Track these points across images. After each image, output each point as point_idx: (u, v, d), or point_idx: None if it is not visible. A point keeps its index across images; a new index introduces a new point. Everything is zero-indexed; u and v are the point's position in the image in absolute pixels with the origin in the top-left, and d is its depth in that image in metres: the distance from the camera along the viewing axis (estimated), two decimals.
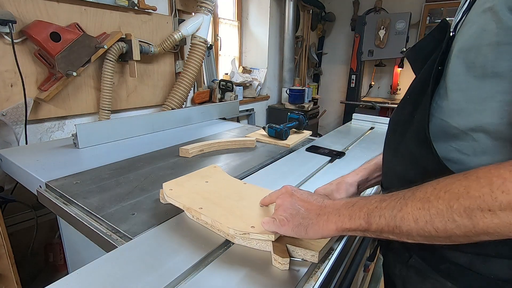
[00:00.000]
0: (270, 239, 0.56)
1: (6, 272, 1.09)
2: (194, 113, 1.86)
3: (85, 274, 0.55)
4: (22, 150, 1.26)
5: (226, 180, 0.82)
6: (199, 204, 0.69)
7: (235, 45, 3.40)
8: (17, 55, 1.40)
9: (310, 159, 1.19)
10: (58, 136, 1.70)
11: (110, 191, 0.90)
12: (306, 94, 3.41)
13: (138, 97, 2.07)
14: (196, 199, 0.71)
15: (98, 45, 1.65)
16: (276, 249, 0.55)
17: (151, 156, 1.22)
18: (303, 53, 4.14)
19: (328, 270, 0.60)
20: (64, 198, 0.86)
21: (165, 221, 0.70)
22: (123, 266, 0.57)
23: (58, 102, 1.64)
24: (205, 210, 0.66)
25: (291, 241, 0.57)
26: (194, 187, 0.78)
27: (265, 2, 3.29)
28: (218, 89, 2.72)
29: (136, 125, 1.51)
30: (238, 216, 0.63)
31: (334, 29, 4.58)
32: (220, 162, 1.18)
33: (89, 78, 1.76)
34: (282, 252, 0.54)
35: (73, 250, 1.00)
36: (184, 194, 0.74)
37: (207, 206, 0.68)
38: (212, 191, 0.75)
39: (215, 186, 0.78)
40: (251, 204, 0.68)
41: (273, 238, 0.55)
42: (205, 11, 2.11)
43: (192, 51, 2.16)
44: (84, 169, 1.04)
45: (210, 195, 0.73)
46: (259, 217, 0.62)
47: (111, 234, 0.70)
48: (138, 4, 1.87)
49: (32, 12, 1.47)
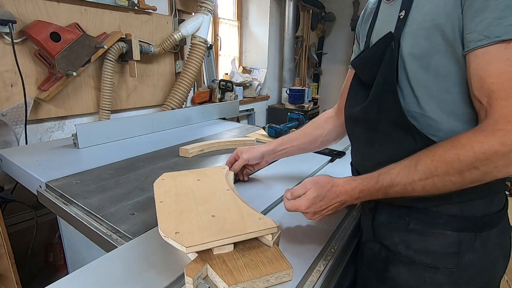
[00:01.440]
0: (182, 250, 0.53)
1: (6, 272, 1.09)
2: (194, 113, 1.86)
3: (85, 274, 0.55)
4: (22, 150, 1.26)
5: (217, 183, 0.79)
6: (164, 198, 0.68)
7: (235, 45, 3.40)
8: (17, 55, 1.40)
9: (310, 158, 1.19)
10: (58, 136, 1.70)
11: (110, 191, 0.90)
12: (306, 94, 3.41)
13: (138, 97, 2.07)
14: (170, 192, 0.71)
15: (98, 45, 1.64)
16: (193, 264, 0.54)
17: (151, 156, 1.22)
18: (303, 53, 4.14)
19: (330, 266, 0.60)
20: (64, 198, 0.86)
21: None
22: (123, 266, 0.57)
23: (58, 102, 1.64)
24: (161, 205, 0.66)
25: (212, 263, 0.54)
26: (181, 182, 0.77)
27: (265, 2, 3.29)
28: (218, 89, 2.72)
29: (136, 125, 1.51)
30: (178, 219, 0.61)
31: (334, 29, 4.58)
32: (220, 162, 1.17)
33: (89, 78, 1.76)
34: (191, 270, 0.52)
35: (73, 250, 1.00)
36: (166, 186, 0.75)
37: (169, 201, 0.67)
38: (191, 189, 0.74)
39: (200, 185, 0.77)
40: (207, 210, 0.64)
41: (185, 250, 0.52)
42: (205, 11, 2.11)
43: (192, 51, 2.16)
44: (84, 169, 1.04)
45: (184, 192, 0.72)
46: (198, 226, 0.58)
47: (111, 234, 0.70)
48: (138, 4, 1.87)
49: (32, 12, 1.47)
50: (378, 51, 0.61)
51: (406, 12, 0.57)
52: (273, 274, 0.53)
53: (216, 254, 0.56)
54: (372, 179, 0.56)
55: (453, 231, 0.58)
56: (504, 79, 0.46)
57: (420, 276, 0.61)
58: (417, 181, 0.51)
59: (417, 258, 0.61)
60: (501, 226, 0.61)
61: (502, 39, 0.46)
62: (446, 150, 0.49)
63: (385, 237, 0.66)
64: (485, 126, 0.48)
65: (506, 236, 0.63)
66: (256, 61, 3.49)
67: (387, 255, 0.66)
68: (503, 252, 0.63)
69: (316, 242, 0.68)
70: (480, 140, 0.46)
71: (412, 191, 0.53)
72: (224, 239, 0.55)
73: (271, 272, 0.53)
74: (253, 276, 0.52)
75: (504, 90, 0.46)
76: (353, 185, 0.58)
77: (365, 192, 0.57)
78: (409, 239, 0.62)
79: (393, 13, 0.61)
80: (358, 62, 0.69)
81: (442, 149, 0.50)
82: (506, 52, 0.46)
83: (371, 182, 0.56)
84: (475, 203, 0.58)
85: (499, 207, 0.60)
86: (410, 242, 0.62)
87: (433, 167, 0.49)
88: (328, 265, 0.62)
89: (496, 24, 0.46)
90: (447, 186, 0.50)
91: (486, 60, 0.48)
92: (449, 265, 0.59)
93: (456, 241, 0.58)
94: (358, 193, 0.58)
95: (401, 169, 0.53)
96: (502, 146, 0.45)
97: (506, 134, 0.45)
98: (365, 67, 0.67)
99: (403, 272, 0.63)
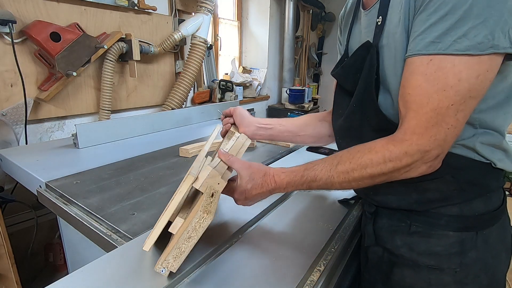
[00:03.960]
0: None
1: (6, 272, 1.09)
2: (194, 113, 1.86)
3: (85, 274, 0.55)
4: (22, 150, 1.26)
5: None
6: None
7: (235, 45, 3.40)
8: (17, 55, 1.40)
9: (310, 159, 1.19)
10: (58, 136, 1.70)
11: (110, 191, 0.90)
12: (306, 94, 3.41)
13: (138, 97, 2.07)
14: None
15: (98, 45, 1.64)
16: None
17: (151, 156, 1.22)
18: (303, 53, 4.14)
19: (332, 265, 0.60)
20: (64, 198, 0.86)
21: None
22: (123, 266, 0.57)
23: (58, 102, 1.64)
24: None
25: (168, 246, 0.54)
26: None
27: (265, 2, 3.29)
28: (218, 89, 2.72)
29: (136, 125, 1.51)
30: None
31: (334, 29, 4.58)
32: None
33: (89, 78, 1.76)
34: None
35: (73, 250, 1.00)
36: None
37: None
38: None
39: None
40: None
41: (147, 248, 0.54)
42: (205, 11, 2.11)
43: (192, 51, 2.16)
44: (84, 169, 1.04)
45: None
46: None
47: (111, 234, 0.70)
48: (138, 4, 1.87)
49: (32, 12, 1.47)
50: (358, 60, 0.63)
51: (383, 18, 0.57)
52: (189, 227, 0.51)
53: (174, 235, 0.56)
54: (298, 173, 0.61)
55: (454, 231, 0.59)
56: (418, 92, 0.49)
57: (425, 278, 0.62)
58: (336, 178, 0.57)
59: (421, 261, 0.62)
60: (501, 222, 0.62)
61: (422, 53, 0.48)
62: (363, 154, 0.54)
63: (387, 240, 0.66)
64: (397, 135, 0.53)
65: (507, 230, 0.64)
66: (256, 61, 3.49)
67: (390, 259, 0.66)
68: (505, 247, 0.63)
69: (316, 242, 0.68)
70: (390, 148, 0.52)
71: (332, 186, 0.58)
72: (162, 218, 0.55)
73: (186, 227, 0.52)
74: (174, 241, 0.52)
75: (415, 103, 0.49)
76: (282, 177, 0.61)
77: (291, 184, 0.61)
78: (411, 242, 0.63)
79: (371, 19, 0.61)
80: (339, 72, 0.70)
81: (360, 152, 0.55)
82: (428, 67, 0.48)
83: (297, 176, 0.60)
84: (474, 202, 0.59)
85: (498, 203, 0.61)
86: (413, 244, 0.62)
87: (350, 168, 0.55)
88: (328, 265, 0.62)
89: (420, 38, 0.49)
90: (360, 185, 0.56)
91: (410, 70, 0.51)
92: (453, 265, 0.59)
93: (458, 241, 0.59)
94: (286, 184, 0.61)
95: (324, 166, 0.58)
96: (405, 156, 0.51)
97: (411, 145, 0.50)
98: (347, 76, 0.68)
99: (408, 275, 0.64)
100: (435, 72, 0.47)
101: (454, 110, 0.48)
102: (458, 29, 0.45)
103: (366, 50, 0.60)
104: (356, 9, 0.70)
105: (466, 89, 0.46)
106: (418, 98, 0.49)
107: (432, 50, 0.47)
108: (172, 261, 0.52)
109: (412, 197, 0.60)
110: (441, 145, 0.50)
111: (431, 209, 0.60)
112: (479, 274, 0.60)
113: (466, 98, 0.47)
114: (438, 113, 0.48)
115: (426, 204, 0.60)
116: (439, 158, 0.52)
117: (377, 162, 0.52)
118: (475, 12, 0.44)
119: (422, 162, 0.51)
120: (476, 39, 0.44)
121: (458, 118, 0.48)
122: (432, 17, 0.47)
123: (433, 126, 0.49)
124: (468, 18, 0.44)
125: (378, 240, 0.68)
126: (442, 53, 0.46)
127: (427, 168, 0.52)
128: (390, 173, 0.53)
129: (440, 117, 0.48)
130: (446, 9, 0.46)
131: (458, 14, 0.45)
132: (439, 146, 0.50)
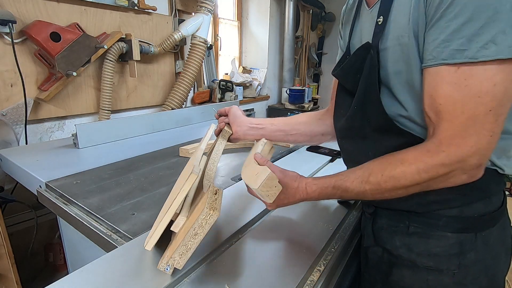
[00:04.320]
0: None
1: (6, 272, 1.09)
2: (194, 113, 1.86)
3: (85, 274, 0.55)
4: (22, 150, 1.26)
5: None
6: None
7: (235, 45, 3.40)
8: (17, 55, 1.40)
9: (310, 158, 1.19)
10: (58, 136, 1.70)
11: (110, 191, 0.90)
12: (306, 94, 3.41)
13: (138, 97, 2.07)
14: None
15: (98, 45, 1.64)
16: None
17: (151, 156, 1.22)
18: (303, 53, 4.14)
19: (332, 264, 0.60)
20: (64, 198, 0.86)
21: None
22: (123, 266, 0.57)
23: (58, 102, 1.64)
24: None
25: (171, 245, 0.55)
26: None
27: (265, 2, 3.29)
28: (218, 89, 2.72)
29: (136, 125, 1.51)
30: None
31: (334, 29, 4.57)
32: (220, 162, 1.17)
33: (89, 78, 1.76)
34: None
35: (73, 250, 1.00)
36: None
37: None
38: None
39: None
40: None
41: (150, 248, 0.54)
42: (205, 11, 2.11)
43: (192, 51, 2.16)
44: (84, 169, 1.04)
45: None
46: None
47: (111, 234, 0.70)
48: (138, 4, 1.87)
49: (32, 12, 1.47)
50: (358, 60, 0.62)
51: (384, 18, 0.57)
52: (195, 224, 0.51)
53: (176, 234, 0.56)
54: (330, 184, 0.61)
55: (453, 233, 0.59)
56: (450, 102, 0.48)
57: (424, 279, 0.62)
58: (368, 191, 0.56)
59: (419, 261, 0.62)
60: (501, 223, 0.61)
61: (447, 62, 0.47)
62: (395, 166, 0.54)
63: (387, 241, 0.66)
64: (430, 145, 0.52)
65: (507, 231, 0.64)
66: (256, 61, 3.49)
67: (390, 259, 0.66)
68: (504, 248, 0.63)
69: (316, 242, 0.68)
70: (424, 160, 0.51)
71: (364, 197, 0.58)
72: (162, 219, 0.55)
73: (191, 224, 0.51)
74: (179, 240, 0.52)
75: (449, 113, 0.48)
76: (314, 188, 0.62)
77: (322, 194, 0.62)
78: (410, 243, 0.63)
79: (372, 18, 0.61)
80: (340, 72, 0.70)
81: (392, 164, 0.54)
82: (456, 76, 0.47)
83: (329, 188, 0.61)
84: (474, 205, 0.58)
85: (498, 205, 0.61)
86: (411, 245, 0.62)
87: (383, 181, 0.54)
88: (328, 265, 0.62)
89: (443, 46, 0.48)
90: (393, 196, 0.56)
91: (436, 80, 0.50)
92: (452, 266, 0.59)
93: (457, 242, 0.59)
94: (318, 195, 0.62)
95: (356, 178, 0.58)
96: (442, 167, 0.50)
97: (447, 156, 0.49)
98: (348, 76, 0.68)
99: (407, 276, 0.64)
100: (466, 80, 0.46)
101: (493, 115, 0.47)
102: (483, 35, 0.44)
103: (366, 51, 0.60)
104: (358, 5, 0.70)
105: (502, 93, 0.46)
106: (451, 108, 0.48)
107: (459, 58, 0.46)
108: (178, 258, 0.52)
109: (413, 199, 0.60)
110: (483, 153, 0.49)
111: (431, 211, 0.60)
112: (478, 275, 0.60)
113: (504, 102, 0.46)
114: (476, 121, 0.47)
115: (426, 206, 0.60)
116: (482, 167, 0.52)
117: (410, 174, 0.52)
118: (500, 17, 0.43)
119: (461, 172, 0.51)
120: (505, 43, 0.44)
121: (499, 123, 0.47)
122: (452, 23, 0.46)
123: (472, 135, 0.48)
124: (494, 23, 0.44)
125: (377, 240, 0.68)
126: (469, 61, 0.46)
127: (467, 177, 0.52)
128: (426, 183, 0.52)
129: (479, 125, 0.47)
130: (467, 15, 0.45)
131: (482, 19, 0.44)
132: (480, 155, 0.49)
